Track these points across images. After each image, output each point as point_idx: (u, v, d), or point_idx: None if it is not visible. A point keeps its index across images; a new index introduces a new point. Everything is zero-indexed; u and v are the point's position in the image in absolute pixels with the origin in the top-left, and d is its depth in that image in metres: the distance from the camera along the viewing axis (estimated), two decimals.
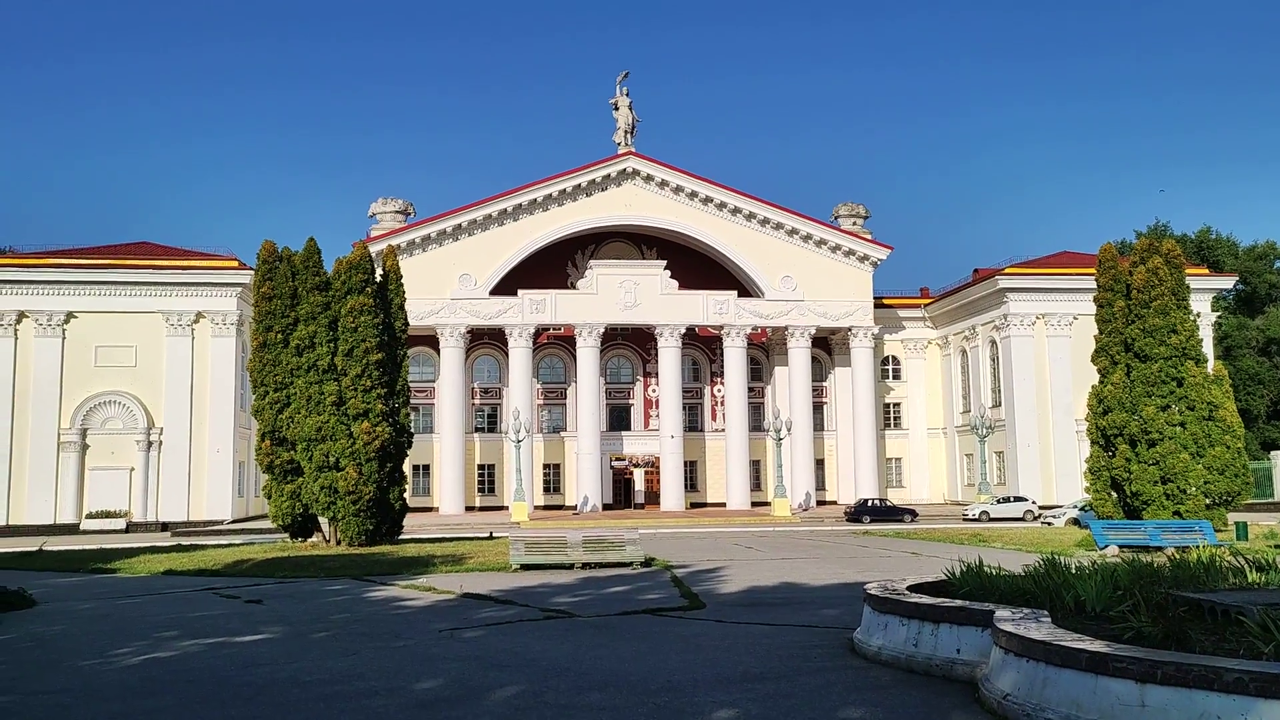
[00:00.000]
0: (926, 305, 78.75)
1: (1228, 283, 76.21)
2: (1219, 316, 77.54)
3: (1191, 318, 37.95)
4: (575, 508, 67.83)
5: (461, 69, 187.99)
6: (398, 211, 70.69)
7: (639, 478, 73.07)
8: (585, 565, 26.00)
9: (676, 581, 22.69)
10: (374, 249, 58.12)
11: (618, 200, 70.03)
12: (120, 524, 58.44)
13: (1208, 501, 35.28)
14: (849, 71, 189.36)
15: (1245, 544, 29.97)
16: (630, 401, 76.05)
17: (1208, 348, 61.55)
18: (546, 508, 69.91)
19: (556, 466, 73.82)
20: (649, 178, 69.90)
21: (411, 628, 15.89)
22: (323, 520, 36.71)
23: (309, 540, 37.11)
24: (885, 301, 76.84)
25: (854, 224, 74.69)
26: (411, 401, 52.07)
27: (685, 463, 70.62)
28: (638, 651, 13.39)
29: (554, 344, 74.75)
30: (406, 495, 39.74)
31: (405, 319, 39.99)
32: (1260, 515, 50.61)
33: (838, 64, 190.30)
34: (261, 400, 36.67)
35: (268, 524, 43.88)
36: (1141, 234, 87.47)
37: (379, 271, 41.23)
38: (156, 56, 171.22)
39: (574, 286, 70.19)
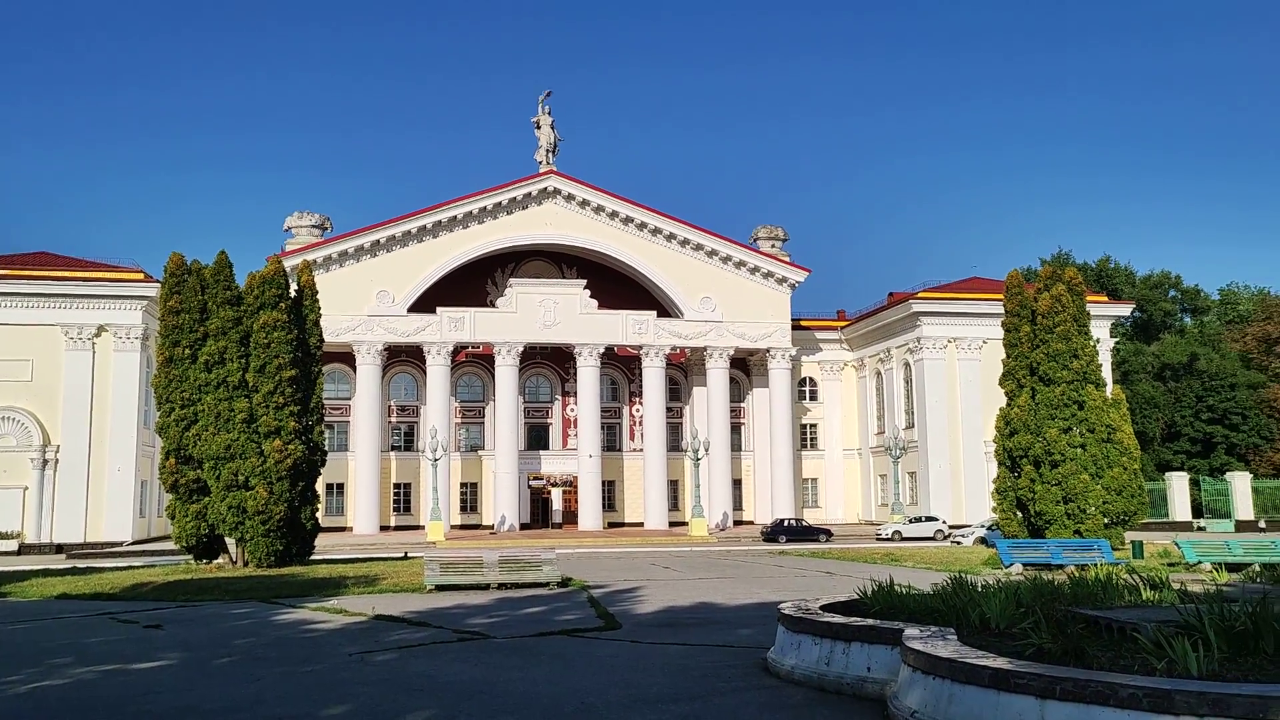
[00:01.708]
0: (843, 328, 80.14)
1: (1125, 310, 79.24)
2: (1117, 342, 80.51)
3: (1092, 343, 39.27)
4: (493, 527, 67.20)
5: (384, 86, 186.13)
6: (314, 225, 69.52)
7: (557, 497, 72.75)
8: (501, 586, 25.76)
9: (593, 602, 22.60)
10: (289, 263, 56.97)
11: (538, 219, 69.96)
12: (12, 545, 55.95)
13: (1106, 521, 36.46)
14: (769, 102, 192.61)
15: (1141, 562, 31.08)
16: (549, 421, 75.78)
17: (1107, 372, 63.88)
18: (463, 527, 69.12)
19: (474, 485, 73.09)
20: (570, 197, 69.99)
21: (320, 652, 15.53)
22: (229, 541, 35.70)
23: (214, 562, 36.04)
24: (803, 323, 78.00)
25: (773, 246, 75.77)
26: (326, 419, 51.04)
27: (603, 482, 70.57)
28: (553, 673, 13.30)
29: (472, 362, 74.16)
30: (319, 515, 38.90)
31: (320, 335, 39.27)
32: (1155, 534, 52.51)
33: (759, 94, 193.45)
34: (167, 417, 35.57)
35: (171, 545, 42.52)
36: (1046, 261, 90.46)
37: (294, 287, 40.42)
38: (54, 54, 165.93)
39: (493, 305, 69.80)
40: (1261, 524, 66.77)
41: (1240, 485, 72.80)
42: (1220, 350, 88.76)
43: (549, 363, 75.30)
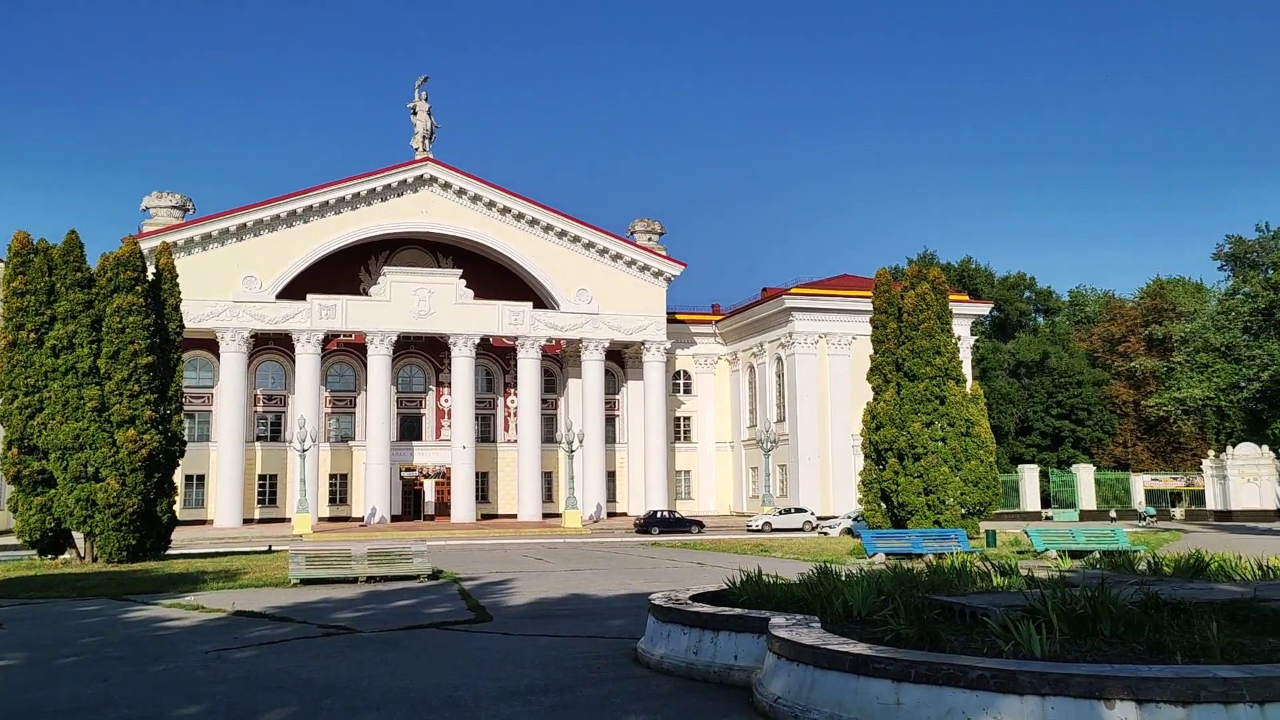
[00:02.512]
0: (717, 322, 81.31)
1: (985, 309, 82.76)
2: (977, 340, 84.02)
3: (954, 341, 40.85)
4: (363, 519, 65.77)
5: (254, 69, 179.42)
6: (175, 207, 66.63)
7: (430, 489, 71.71)
8: (370, 579, 25.21)
9: (464, 594, 22.35)
10: (147, 245, 54.38)
11: (414, 207, 68.69)
12: None
13: (963, 511, 38.02)
14: (650, 93, 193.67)
15: (993, 550, 32.55)
16: (422, 411, 74.60)
17: (967, 369, 66.62)
18: (332, 519, 67.43)
19: (344, 477, 71.39)
20: (447, 185, 68.96)
21: (174, 650, 14.90)
22: (77, 535, 33.89)
23: (61, 557, 34.15)
24: (678, 317, 78.82)
25: (649, 240, 76.29)
26: (187, 408, 49.03)
27: (477, 474, 69.91)
28: (421, 667, 13.10)
29: (344, 351, 72.36)
30: (177, 508, 37.34)
31: (180, 321, 37.62)
32: (1008, 523, 55.12)
33: (641, 85, 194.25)
34: (9, 405, 33.48)
35: (13, 540, 40.12)
36: (913, 261, 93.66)
37: (151, 270, 38.62)
38: None
39: (366, 293, 68.26)
40: (1113, 514, 70.74)
41: (1084, 477, 77.08)
42: (1069, 349, 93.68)
43: (423, 353, 74.08)
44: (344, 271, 69.44)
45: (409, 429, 73.47)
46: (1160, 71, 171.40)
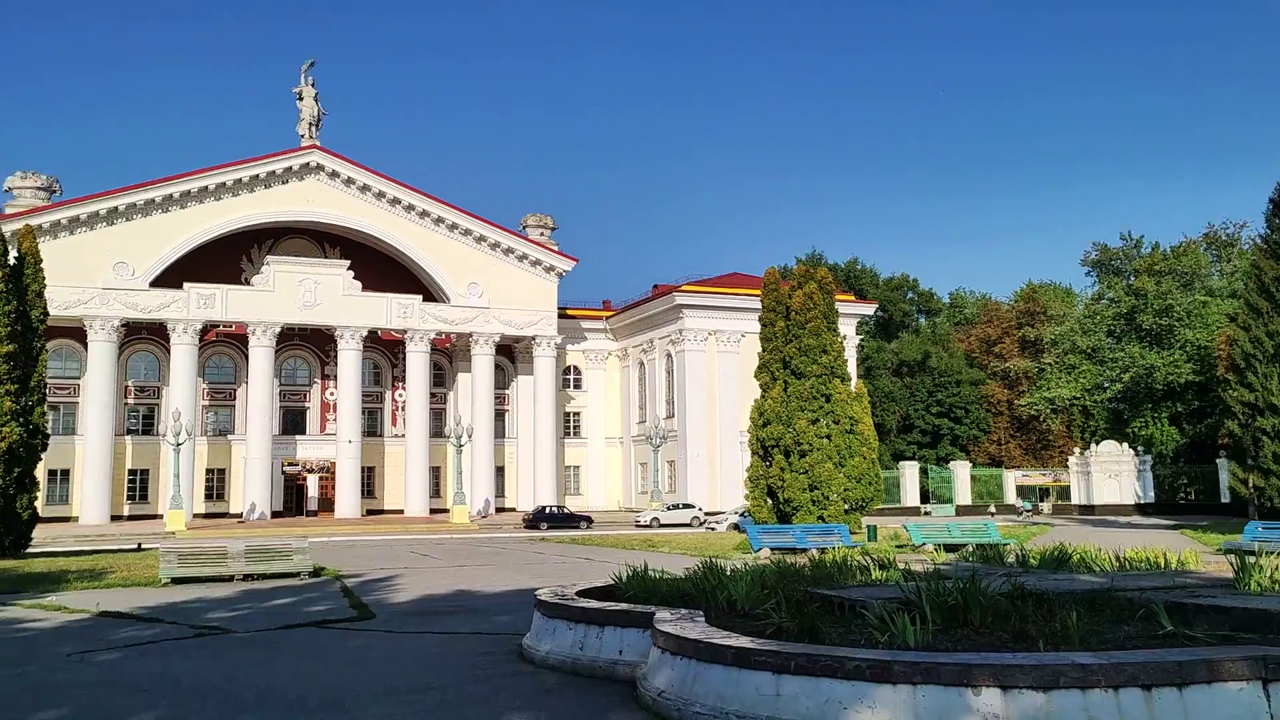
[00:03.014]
0: (608, 318, 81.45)
1: (870, 309, 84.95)
2: (862, 339, 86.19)
3: (840, 340, 41.82)
4: (241, 516, 63.75)
5: (130, 49, 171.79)
6: (40, 188, 63.32)
7: (313, 484, 69.95)
8: (248, 577, 24.45)
9: (347, 592, 21.88)
10: (8, 228, 51.48)
11: (299, 195, 66.84)
12: None
13: (846, 507, 38.99)
14: (546, 93, 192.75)
15: (874, 545, 33.42)
16: (306, 405, 72.72)
17: (852, 368, 68.25)
18: (209, 516, 65.18)
19: (222, 472, 69.07)
20: (334, 174, 67.33)
21: (33, 652, 14.18)
22: None
23: None
24: (569, 312, 78.67)
25: (542, 234, 75.93)
26: (51, 399, 46.66)
27: (363, 469, 68.52)
28: (299, 667, 12.77)
29: (224, 342, 70.00)
30: (39, 504, 35.55)
31: (44, 308, 35.83)
32: (889, 519, 56.73)
33: (537, 87, 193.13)
34: None
35: None
36: (801, 260, 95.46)
37: (13, 254, 36.65)
38: None
39: (249, 283, 66.14)
40: (992, 509, 73.46)
41: (961, 473, 79.87)
42: (949, 349, 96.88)
43: (308, 345, 72.19)
44: (225, 260, 67.12)
45: (292, 423, 71.52)
46: (1029, 85, 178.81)
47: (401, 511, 68.63)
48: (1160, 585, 12.04)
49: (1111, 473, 76.37)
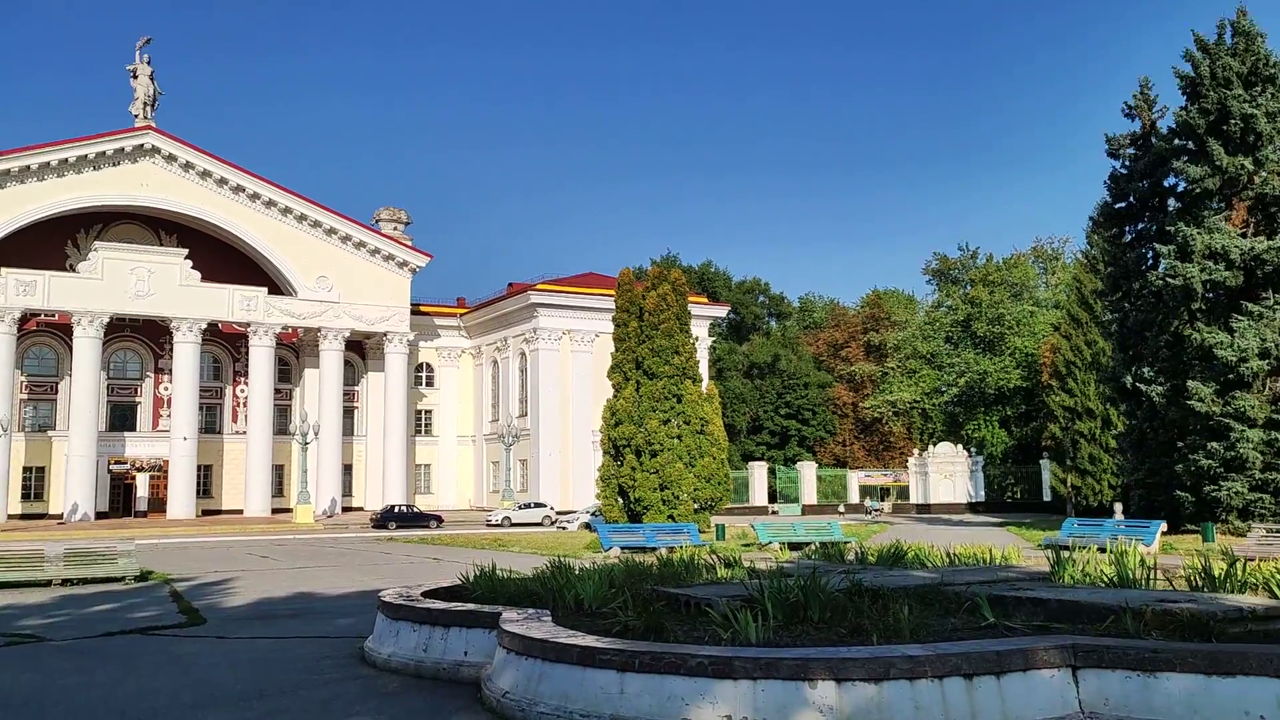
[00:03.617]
0: (463, 315, 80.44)
1: (722, 311, 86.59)
2: (714, 341, 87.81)
3: (692, 341, 42.39)
4: (62, 517, 59.95)
5: None
6: None
7: (144, 483, 66.47)
8: (67, 582, 22.97)
9: (176, 596, 20.83)
10: None
11: (132, 178, 63.39)
12: None
13: (696, 506, 39.58)
14: (401, 88, 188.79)
15: (722, 544, 34.07)
16: (138, 400, 69.03)
17: (704, 369, 69.45)
18: (25, 517, 61.11)
19: (41, 470, 64.90)
20: (171, 157, 64.15)
21: None
22: None
23: None
24: (423, 309, 77.30)
25: (395, 229, 74.38)
26: None
27: (200, 467, 65.56)
28: (120, 676, 12.05)
29: (46, 332, 65.74)
30: None
31: None
32: (738, 518, 57.97)
33: (392, 82, 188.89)
34: None
35: None
36: (656, 262, 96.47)
37: None
38: None
39: (74, 269, 62.28)
40: (841, 507, 75.87)
41: (808, 474, 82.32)
42: (798, 352, 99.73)
43: (140, 336, 68.55)
44: (48, 245, 63.06)
45: (122, 419, 67.74)
46: (876, 85, 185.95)
47: (241, 512, 65.96)
48: (985, 579, 12.66)
49: (947, 473, 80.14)
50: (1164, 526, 31.90)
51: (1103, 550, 15.75)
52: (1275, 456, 35.61)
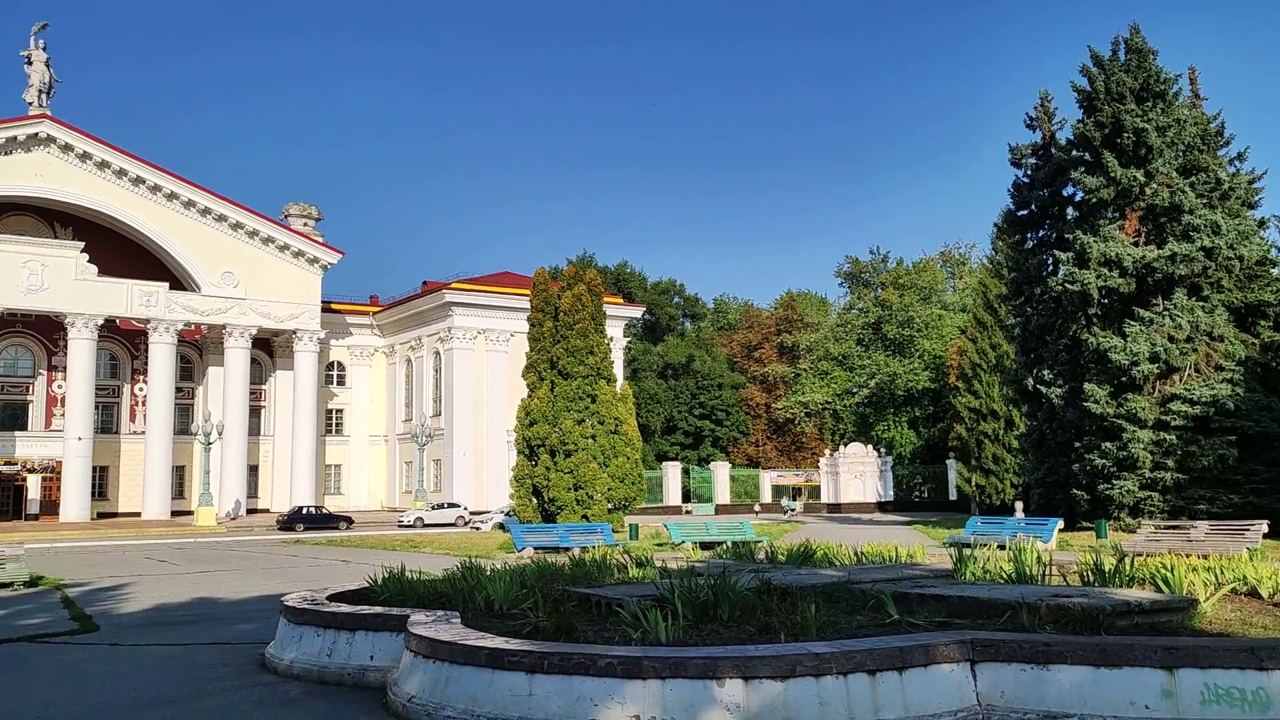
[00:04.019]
0: (375, 313, 79.16)
1: (637, 312, 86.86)
2: (629, 342, 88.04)
3: (607, 341, 42.52)
4: None
5: None
6: None
7: (35, 485, 63.83)
8: None
9: (68, 602, 20.03)
10: None
11: (26, 168, 60.89)
12: None
13: (610, 506, 39.67)
14: (311, 82, 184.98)
15: (635, 543, 34.14)
16: (29, 398, 66.30)
17: (619, 369, 69.55)
18: None
19: None
20: (68, 147, 61.76)
21: None
22: None
23: None
24: (334, 307, 75.85)
25: (305, 225, 72.87)
26: None
27: (95, 468, 63.28)
28: (6, 687, 11.53)
29: None
30: None
31: None
32: (652, 517, 58.15)
33: (302, 76, 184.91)
34: None
35: None
36: (572, 262, 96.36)
37: None
38: None
39: None
40: (757, 507, 76.61)
41: (721, 474, 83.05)
42: (712, 353, 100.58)
43: (33, 332, 65.82)
44: None
45: (12, 418, 64.95)
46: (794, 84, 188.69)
47: (139, 515, 63.82)
48: (891, 577, 12.92)
49: (857, 473, 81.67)
50: (1061, 524, 32.97)
51: (1003, 548, 16.23)
52: (1163, 456, 37.10)
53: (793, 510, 72.56)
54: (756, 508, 76.78)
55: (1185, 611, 10.04)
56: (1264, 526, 27.67)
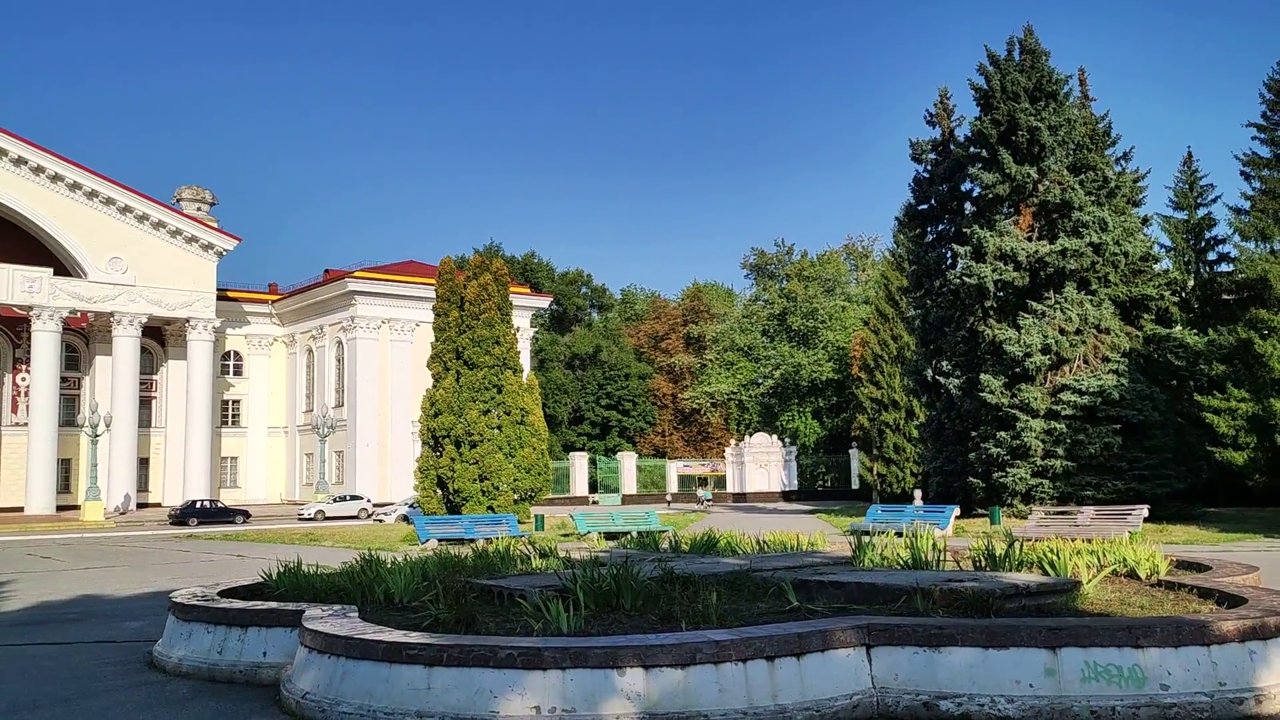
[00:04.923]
0: (275, 302, 77.17)
1: (545, 302, 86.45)
2: (536, 332, 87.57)
3: (514, 331, 42.14)
4: None
5: None
6: None
7: None
8: None
9: None
10: None
11: None
12: None
13: (516, 497, 39.39)
14: (202, 63, 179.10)
15: (541, 534, 34.04)
16: None
17: (526, 359, 69.18)
18: None
19: None
20: None
21: None
22: None
23: None
24: (230, 294, 73.68)
25: (199, 209, 70.63)
26: None
27: None
28: None
29: None
30: None
31: None
32: (558, 508, 58.06)
33: (194, 55, 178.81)
34: None
35: None
36: (479, 251, 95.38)
37: None
38: None
39: None
40: (668, 497, 76.86)
41: (628, 464, 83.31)
42: (620, 344, 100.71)
43: None
44: None
45: None
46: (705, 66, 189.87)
47: (21, 510, 61.08)
48: (792, 565, 13.11)
49: (762, 462, 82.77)
50: (958, 511, 33.97)
51: (901, 535, 16.60)
52: (1054, 444, 38.51)
53: (708, 500, 73.20)
54: (668, 498, 77.24)
55: (1069, 593, 10.41)
56: (1144, 511, 29.00)
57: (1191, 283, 48.29)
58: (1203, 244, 50.01)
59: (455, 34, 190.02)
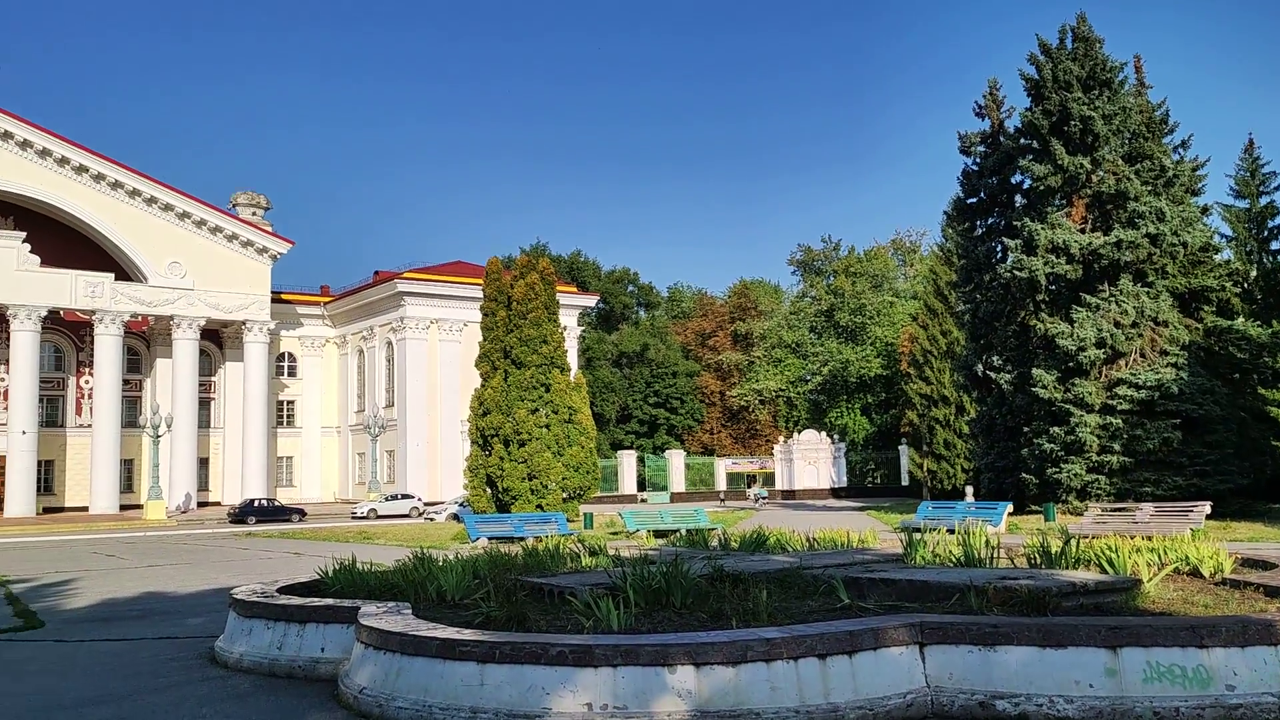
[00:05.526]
0: (327, 304, 78.27)
1: (591, 301, 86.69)
2: (583, 330, 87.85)
3: (560, 330, 42.34)
4: None
5: None
6: None
7: None
8: None
9: (11, 599, 19.61)
10: None
11: None
12: None
13: (565, 495, 39.57)
14: (261, 71, 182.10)
15: (590, 532, 34.14)
16: None
17: (573, 358, 69.49)
18: None
19: None
20: (7, 134, 60.33)
21: None
22: None
23: None
24: (284, 297, 74.88)
25: (254, 214, 71.84)
26: None
27: (41, 462, 62.07)
28: None
29: None
30: None
31: None
32: (606, 506, 58.23)
33: (251, 64, 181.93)
34: None
35: None
36: (525, 250, 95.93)
37: None
38: None
39: None
40: (722, 494, 76.66)
41: (676, 462, 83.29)
42: (666, 342, 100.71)
43: None
44: None
45: None
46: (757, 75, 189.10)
47: (87, 509, 62.66)
48: (842, 562, 13.03)
49: (811, 459, 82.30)
50: (1010, 508, 33.44)
51: (953, 532, 16.42)
52: (1109, 440, 37.80)
53: (763, 498, 72.87)
54: (721, 495, 77.06)
55: (1129, 592, 10.23)
56: (1206, 508, 28.32)
57: (1254, 273, 47.06)
58: (1265, 233, 48.72)
59: (504, 44, 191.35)
